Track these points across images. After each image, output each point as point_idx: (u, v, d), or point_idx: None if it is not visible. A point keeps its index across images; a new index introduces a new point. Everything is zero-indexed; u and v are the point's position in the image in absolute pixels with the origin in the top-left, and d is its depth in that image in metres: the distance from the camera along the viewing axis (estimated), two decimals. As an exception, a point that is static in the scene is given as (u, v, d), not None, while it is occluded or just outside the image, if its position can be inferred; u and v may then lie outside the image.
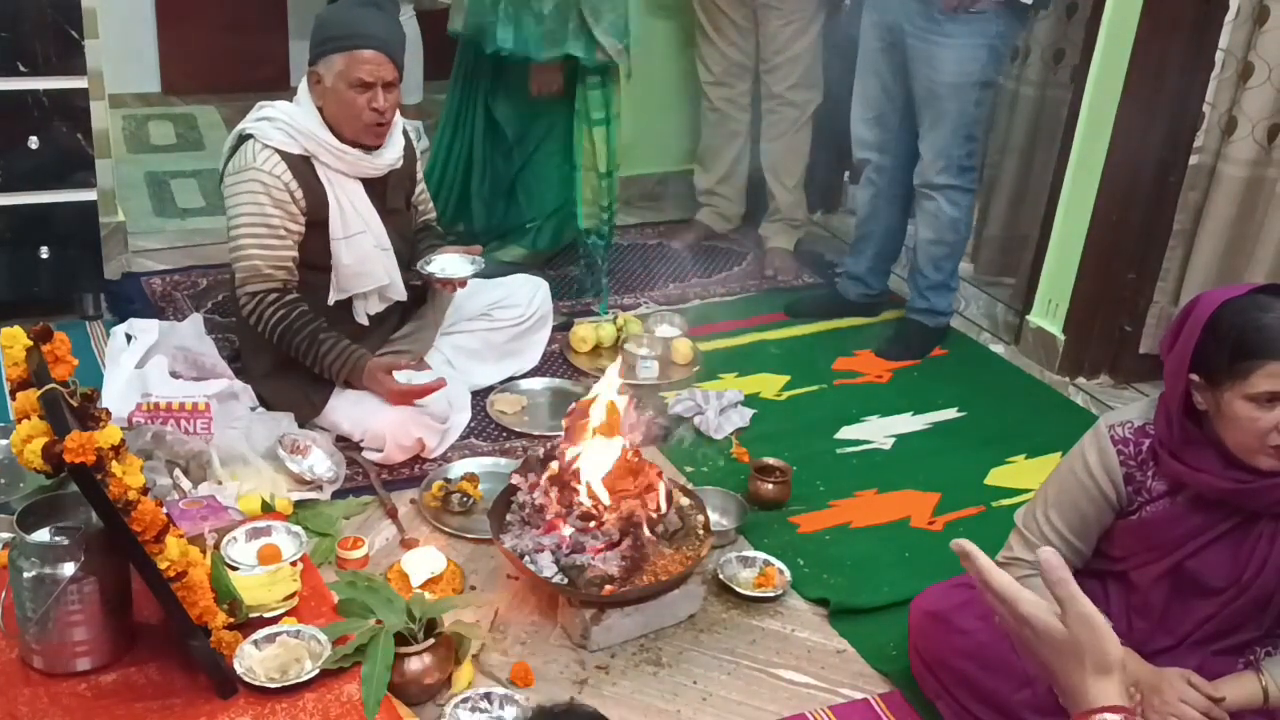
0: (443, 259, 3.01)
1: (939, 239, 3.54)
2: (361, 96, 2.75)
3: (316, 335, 2.82)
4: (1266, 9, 3.08)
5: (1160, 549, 1.99)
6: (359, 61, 2.74)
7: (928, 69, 3.33)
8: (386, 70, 2.76)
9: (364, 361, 2.85)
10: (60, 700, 2.03)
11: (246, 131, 2.80)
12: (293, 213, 2.79)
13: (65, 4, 3.08)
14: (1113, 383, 3.55)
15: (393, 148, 2.92)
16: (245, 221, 2.78)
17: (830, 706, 2.27)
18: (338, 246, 2.86)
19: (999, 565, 2.12)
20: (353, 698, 2.04)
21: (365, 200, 2.89)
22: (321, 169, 2.82)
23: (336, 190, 2.83)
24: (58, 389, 2.00)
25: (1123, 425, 2.00)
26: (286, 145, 2.77)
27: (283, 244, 2.80)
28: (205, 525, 2.44)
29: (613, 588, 2.29)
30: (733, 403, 3.19)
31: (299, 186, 2.78)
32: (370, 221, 2.89)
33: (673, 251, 4.20)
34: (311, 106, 2.81)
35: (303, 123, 2.78)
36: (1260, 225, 3.22)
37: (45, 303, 3.34)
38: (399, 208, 3.03)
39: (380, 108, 2.77)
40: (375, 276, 2.93)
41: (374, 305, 3.00)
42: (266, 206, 2.76)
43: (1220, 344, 1.83)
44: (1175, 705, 1.89)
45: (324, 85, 2.78)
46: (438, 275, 2.98)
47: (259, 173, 2.75)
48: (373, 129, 2.81)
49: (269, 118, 2.79)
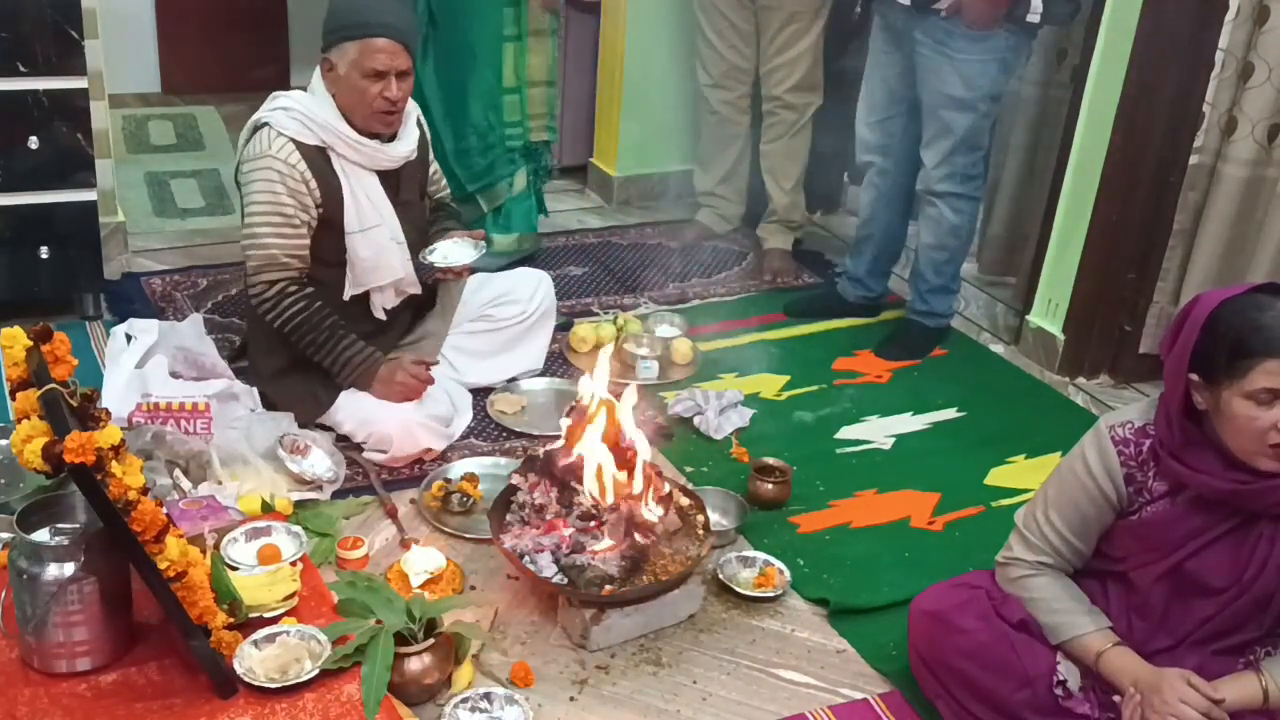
0: (444, 246, 2.97)
1: (940, 244, 3.54)
2: (374, 85, 2.72)
3: (336, 330, 2.81)
4: (1266, 9, 3.08)
5: (1160, 549, 1.99)
6: (373, 50, 2.70)
7: (936, 81, 3.32)
8: (400, 59, 2.73)
9: (380, 362, 2.85)
10: (60, 700, 2.03)
11: (262, 120, 2.77)
12: (307, 203, 2.77)
13: (65, 4, 3.07)
14: (1113, 383, 3.55)
15: (407, 139, 2.90)
16: (261, 209, 2.75)
17: (830, 706, 2.27)
18: (353, 240, 2.83)
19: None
20: (353, 698, 2.04)
21: (380, 193, 2.87)
22: (337, 161, 2.79)
23: (352, 182, 2.81)
24: (58, 389, 2.00)
25: (1123, 425, 2.00)
26: (302, 136, 2.75)
27: (297, 233, 2.78)
28: (205, 525, 2.44)
29: (613, 588, 2.29)
30: (733, 403, 3.19)
31: (314, 177, 2.76)
32: (385, 214, 2.88)
33: (673, 251, 4.20)
34: (326, 96, 2.78)
35: (319, 114, 2.75)
36: (1260, 225, 3.22)
37: (45, 303, 3.34)
38: (412, 199, 3.01)
39: (393, 96, 2.74)
40: (391, 270, 2.92)
41: (390, 299, 2.98)
42: (282, 195, 2.74)
43: (1219, 343, 1.84)
44: (1175, 705, 1.89)
45: (337, 73, 2.75)
46: (439, 264, 2.95)
47: (274, 160, 2.72)
48: (383, 117, 2.78)
49: (285, 107, 2.76)
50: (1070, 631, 2.03)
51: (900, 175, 3.62)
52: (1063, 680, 2.03)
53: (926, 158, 3.46)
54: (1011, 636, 2.07)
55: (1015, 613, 2.08)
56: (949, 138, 3.38)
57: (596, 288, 3.93)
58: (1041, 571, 2.08)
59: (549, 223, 4.29)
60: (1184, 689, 1.89)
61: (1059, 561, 2.08)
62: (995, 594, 2.13)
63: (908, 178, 3.61)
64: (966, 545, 2.73)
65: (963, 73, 3.28)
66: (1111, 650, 2.00)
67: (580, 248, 4.22)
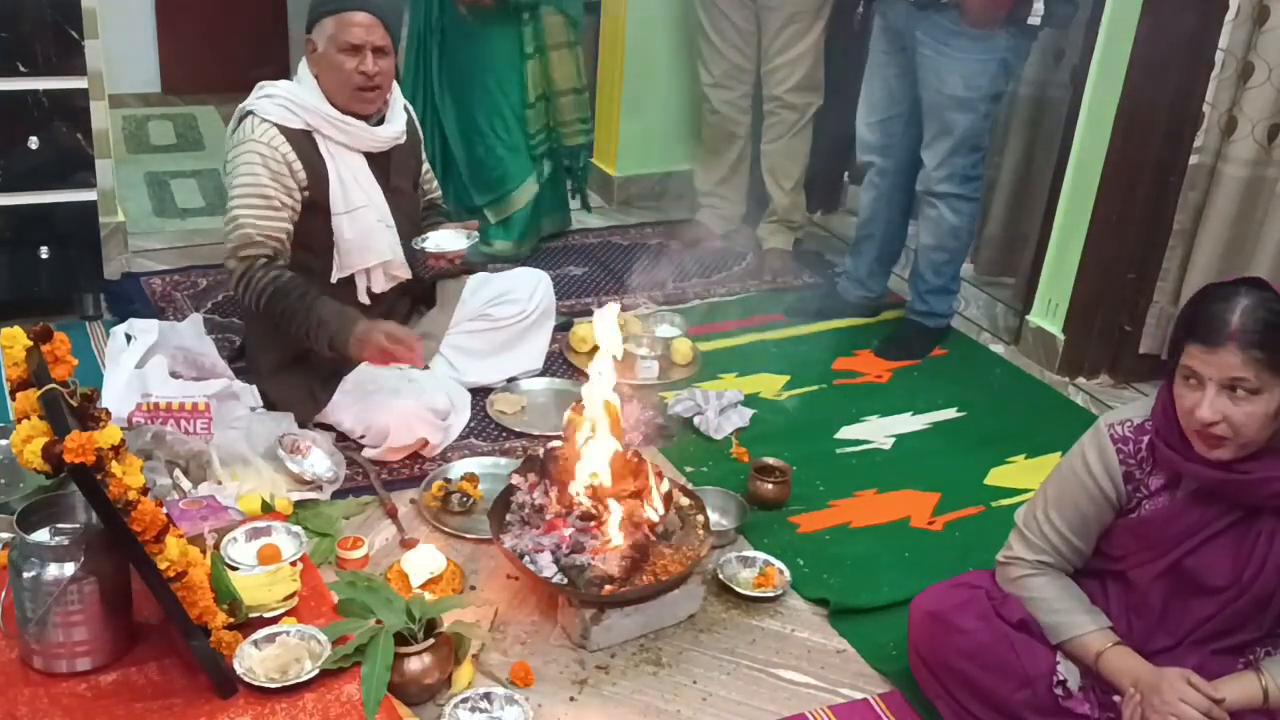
0: (436, 235, 2.99)
1: (940, 245, 3.54)
2: (351, 60, 2.76)
3: (309, 293, 2.78)
4: (1266, 9, 3.09)
5: (1159, 547, 1.99)
6: (348, 24, 2.75)
7: (936, 80, 3.33)
8: (376, 34, 2.77)
9: (357, 319, 2.77)
10: (60, 700, 2.03)
11: (247, 109, 2.82)
12: (289, 186, 2.79)
13: (65, 4, 3.08)
14: (1112, 383, 3.55)
15: (394, 121, 2.92)
16: (241, 192, 2.77)
17: (830, 706, 2.27)
18: (339, 221, 2.85)
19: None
20: (352, 698, 2.04)
21: (368, 174, 2.89)
22: (323, 143, 2.82)
23: (338, 164, 2.83)
24: (58, 389, 2.00)
25: (1122, 424, 2.01)
26: (287, 120, 2.78)
27: (277, 215, 2.79)
28: (205, 525, 2.44)
29: (613, 588, 2.29)
30: (733, 403, 3.19)
31: (297, 158, 2.78)
32: (373, 195, 2.89)
33: (673, 251, 4.20)
34: (310, 79, 2.82)
35: (303, 97, 2.79)
36: (1260, 225, 3.22)
37: (45, 303, 3.34)
38: (404, 188, 3.02)
39: (369, 71, 2.76)
40: (378, 251, 2.92)
41: (378, 283, 2.98)
42: (263, 178, 2.76)
43: (1177, 327, 1.93)
44: (1175, 705, 1.89)
45: (318, 52, 2.80)
46: (431, 250, 2.96)
47: (256, 144, 2.76)
48: (361, 94, 2.80)
49: (269, 95, 2.81)
50: (1070, 631, 2.03)
51: (900, 175, 3.62)
52: (1062, 680, 2.03)
53: (927, 158, 3.46)
54: (1011, 636, 2.07)
55: (1015, 613, 2.08)
56: (949, 138, 3.38)
57: (596, 288, 3.93)
58: (1042, 571, 2.08)
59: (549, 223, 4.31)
60: (1184, 688, 1.90)
61: (1059, 561, 2.08)
62: (995, 594, 2.13)
63: (908, 178, 3.61)
64: (966, 545, 2.73)
65: (964, 72, 3.28)
66: (1111, 650, 2.00)
67: (580, 248, 4.22)
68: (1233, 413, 1.83)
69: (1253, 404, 1.82)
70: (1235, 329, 1.81)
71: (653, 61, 4.39)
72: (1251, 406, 1.82)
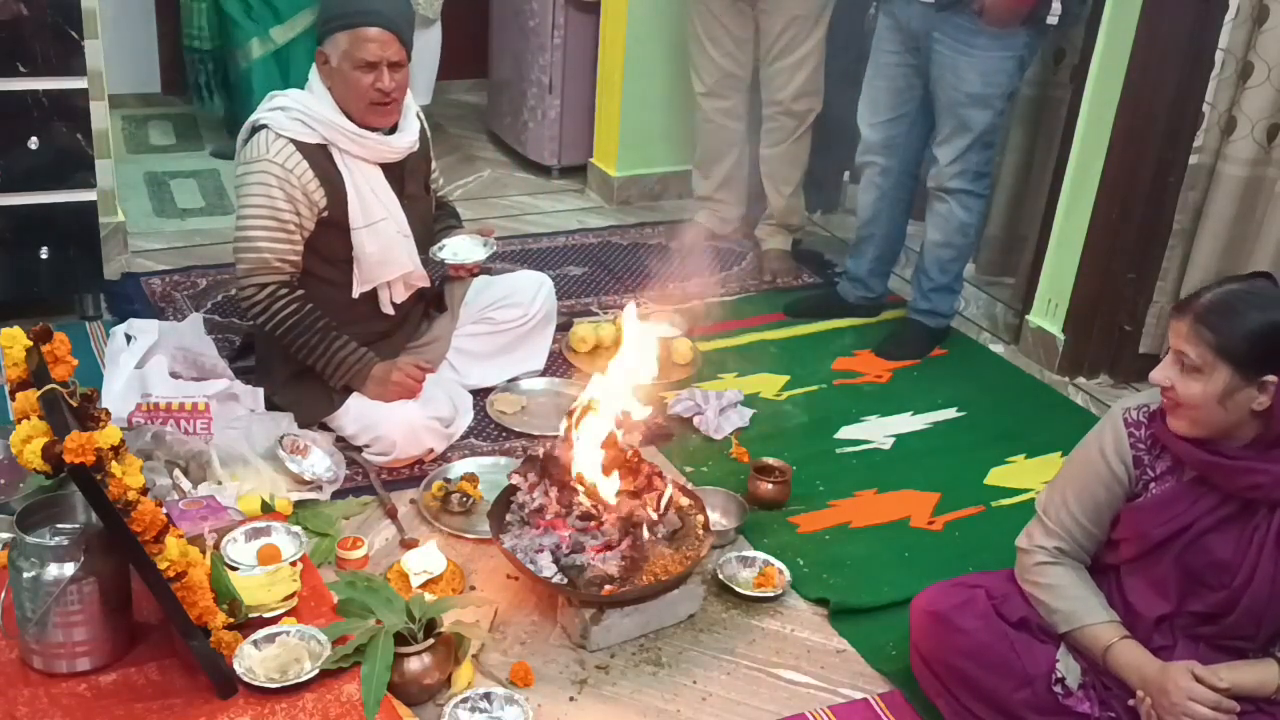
0: (454, 243, 2.98)
1: (947, 242, 3.54)
2: (366, 76, 2.69)
3: (329, 332, 2.81)
4: (1266, 9, 3.09)
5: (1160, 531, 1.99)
6: (362, 40, 2.68)
7: (954, 78, 3.32)
8: (392, 49, 2.70)
9: (374, 362, 2.85)
10: (60, 700, 2.03)
11: (260, 122, 2.74)
12: (304, 210, 2.74)
13: (65, 4, 3.07)
14: (1112, 382, 3.55)
15: (408, 130, 2.87)
16: (255, 213, 2.73)
17: (830, 706, 2.27)
18: (359, 236, 2.81)
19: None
20: (352, 698, 2.04)
21: (385, 186, 2.85)
22: (340, 156, 2.77)
23: (356, 177, 2.79)
24: (57, 389, 2.00)
25: (1138, 409, 2.04)
26: (303, 135, 2.72)
27: (291, 238, 2.76)
28: (205, 525, 2.44)
29: (613, 588, 2.29)
30: (733, 403, 3.19)
31: (314, 178, 2.73)
32: (391, 208, 2.86)
33: (673, 251, 4.20)
34: (324, 91, 2.75)
35: (317, 110, 2.73)
36: (1260, 225, 3.22)
37: (45, 303, 3.34)
38: (418, 193, 2.99)
39: (385, 87, 2.71)
40: (399, 264, 2.90)
41: (399, 293, 2.97)
42: (278, 200, 2.71)
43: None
44: (1184, 705, 1.89)
45: (331, 66, 2.73)
46: (449, 260, 2.96)
47: (271, 164, 2.70)
48: (377, 109, 2.75)
49: (283, 107, 2.74)
50: (1083, 619, 2.03)
51: (902, 174, 3.61)
52: (1061, 678, 2.03)
53: (940, 154, 3.45)
54: (1011, 636, 2.07)
55: (1015, 612, 2.09)
56: (966, 135, 3.37)
57: (596, 288, 3.93)
58: (1059, 560, 2.09)
59: (548, 222, 4.30)
60: (1191, 685, 1.90)
61: (1073, 547, 2.09)
62: (995, 593, 2.13)
63: (909, 177, 3.61)
64: (966, 545, 2.73)
65: (983, 70, 3.27)
66: (1119, 644, 2.00)
67: (580, 248, 4.22)
68: (1177, 383, 1.89)
69: (1195, 381, 1.87)
70: (1198, 305, 1.88)
71: (652, 61, 4.38)
72: (1193, 383, 1.87)
